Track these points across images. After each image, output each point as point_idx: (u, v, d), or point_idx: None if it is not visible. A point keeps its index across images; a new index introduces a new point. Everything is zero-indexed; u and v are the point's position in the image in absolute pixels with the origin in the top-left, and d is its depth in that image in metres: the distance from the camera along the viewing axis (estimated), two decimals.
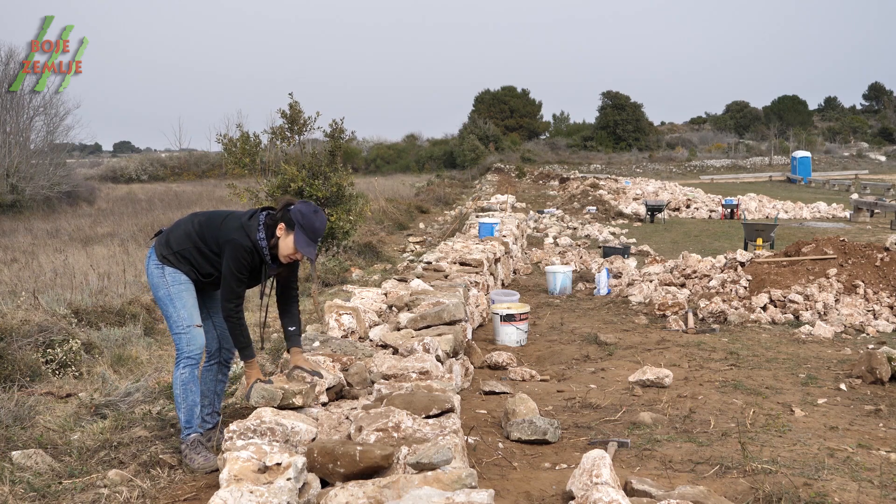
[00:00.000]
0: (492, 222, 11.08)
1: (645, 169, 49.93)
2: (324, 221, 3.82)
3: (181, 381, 3.82)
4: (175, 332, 3.85)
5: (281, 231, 3.74)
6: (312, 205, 3.85)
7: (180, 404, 3.84)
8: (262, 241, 3.75)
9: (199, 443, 3.82)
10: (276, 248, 3.77)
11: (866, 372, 5.41)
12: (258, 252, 3.75)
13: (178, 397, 3.83)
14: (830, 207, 22.63)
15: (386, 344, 4.68)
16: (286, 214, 3.74)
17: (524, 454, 4.02)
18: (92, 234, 17.62)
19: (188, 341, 3.83)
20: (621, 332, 7.21)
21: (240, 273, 3.73)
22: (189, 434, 3.83)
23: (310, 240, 3.73)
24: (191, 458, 3.78)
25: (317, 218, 3.75)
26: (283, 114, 7.37)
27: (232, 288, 3.73)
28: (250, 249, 3.73)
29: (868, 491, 3.50)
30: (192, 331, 3.84)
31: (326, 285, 10.60)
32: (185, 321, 3.82)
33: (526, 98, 68.56)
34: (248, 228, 3.74)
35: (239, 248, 3.71)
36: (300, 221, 3.70)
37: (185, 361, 3.83)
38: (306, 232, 3.71)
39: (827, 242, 8.81)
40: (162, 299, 3.85)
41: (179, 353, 3.85)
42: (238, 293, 3.75)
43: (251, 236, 3.73)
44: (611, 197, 25.39)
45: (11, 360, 5.57)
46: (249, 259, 3.74)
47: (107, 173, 49.28)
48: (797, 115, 69.12)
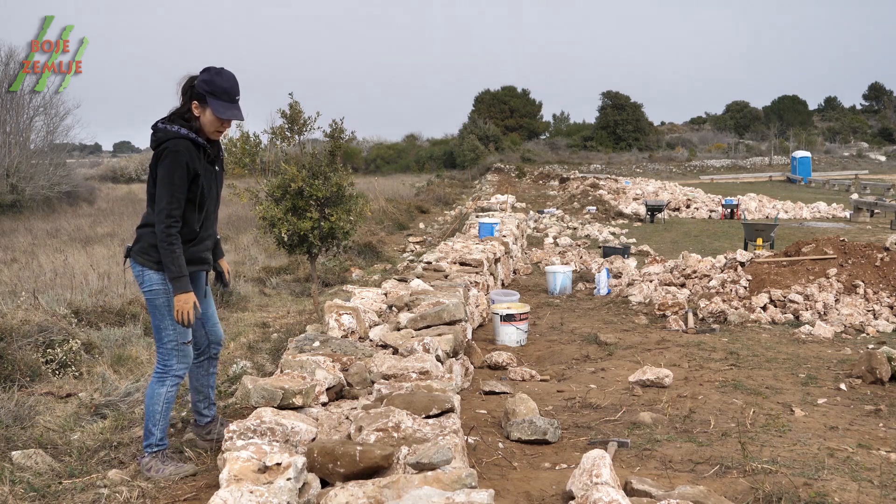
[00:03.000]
0: (492, 222, 11.08)
1: (645, 169, 49.93)
2: (231, 78, 3.60)
3: (166, 398, 3.67)
4: (166, 347, 3.66)
5: (196, 109, 3.56)
6: (213, 68, 3.62)
7: (157, 422, 3.66)
8: (184, 132, 3.55)
9: (166, 455, 3.71)
10: (201, 132, 3.60)
11: (866, 372, 5.41)
12: (193, 142, 3.54)
13: (157, 414, 3.66)
14: (830, 207, 22.64)
15: (386, 344, 4.68)
16: (192, 92, 3.56)
17: (524, 454, 4.02)
18: (92, 234, 17.62)
19: (179, 359, 3.69)
20: (621, 332, 7.21)
21: (179, 182, 3.47)
22: (158, 450, 3.69)
23: (227, 102, 3.56)
24: (157, 468, 3.62)
25: (222, 78, 3.56)
26: (283, 114, 7.35)
27: (168, 205, 3.46)
28: (185, 144, 3.51)
29: (868, 491, 3.50)
30: (186, 349, 3.71)
31: (326, 285, 10.61)
32: (180, 337, 3.66)
33: (526, 98, 68.59)
34: (168, 134, 3.53)
35: (173, 154, 3.48)
36: (208, 90, 3.53)
37: (173, 380, 3.68)
38: (219, 97, 3.54)
39: (827, 242, 8.81)
40: (159, 308, 3.62)
41: (167, 368, 3.68)
42: (174, 212, 3.48)
43: (177, 135, 3.52)
44: (611, 197, 25.39)
45: (11, 360, 5.56)
46: (188, 157, 3.50)
47: (107, 173, 49.32)
48: (797, 115, 69.17)
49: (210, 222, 3.80)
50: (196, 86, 3.57)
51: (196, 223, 3.67)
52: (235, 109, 3.62)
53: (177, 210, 3.50)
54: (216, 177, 3.78)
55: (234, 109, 3.61)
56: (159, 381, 3.69)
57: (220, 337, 4.08)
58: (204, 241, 3.77)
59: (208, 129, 3.63)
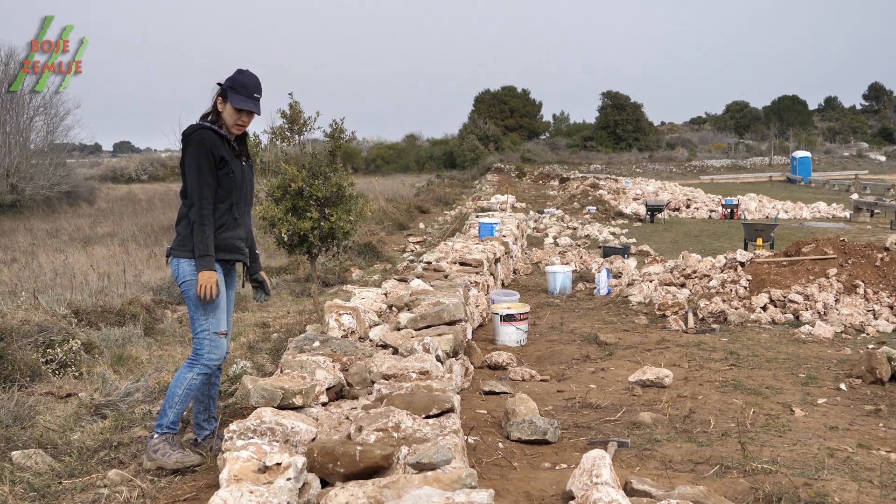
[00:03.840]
0: (492, 222, 11.08)
1: (645, 169, 49.93)
2: (252, 76, 3.86)
3: (189, 385, 3.76)
4: (199, 336, 3.80)
5: (220, 105, 3.82)
6: (241, 69, 3.90)
7: (175, 404, 3.74)
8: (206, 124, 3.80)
9: (175, 441, 3.76)
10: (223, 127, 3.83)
11: (866, 372, 5.41)
12: (215, 132, 3.77)
13: (177, 397, 3.75)
14: (830, 207, 22.64)
15: (386, 344, 4.68)
16: (219, 90, 3.83)
17: (524, 454, 4.02)
18: (92, 234, 17.62)
19: (211, 348, 3.80)
20: (621, 332, 7.21)
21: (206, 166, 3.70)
22: (168, 432, 3.74)
23: (245, 96, 3.80)
24: (165, 451, 3.68)
25: (244, 76, 3.83)
26: (283, 114, 7.35)
27: (199, 188, 3.69)
28: (208, 133, 3.74)
29: (868, 491, 3.50)
30: (218, 339, 3.81)
31: (326, 285, 10.61)
32: (212, 327, 3.78)
33: (526, 98, 68.60)
34: (191, 128, 3.78)
35: (196, 142, 3.72)
36: (230, 85, 3.80)
37: (201, 368, 3.79)
38: (238, 91, 3.78)
39: (827, 242, 8.81)
40: (192, 298, 3.75)
41: (198, 356, 3.79)
42: (205, 193, 3.71)
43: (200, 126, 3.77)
44: (611, 197, 25.39)
45: (11, 360, 5.56)
46: (210, 143, 3.73)
47: (107, 173, 49.30)
48: (797, 115, 69.19)
49: (242, 211, 3.95)
50: (222, 83, 3.84)
51: (227, 209, 3.83)
52: (253, 102, 3.83)
53: (208, 192, 3.72)
54: (244, 170, 3.95)
55: (250, 102, 3.82)
56: (188, 367, 3.81)
57: (227, 350, 4.09)
58: (236, 229, 3.91)
59: (229, 122, 3.84)
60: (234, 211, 3.86)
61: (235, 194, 3.86)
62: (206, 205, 3.70)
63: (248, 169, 4.00)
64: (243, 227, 3.98)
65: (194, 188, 3.71)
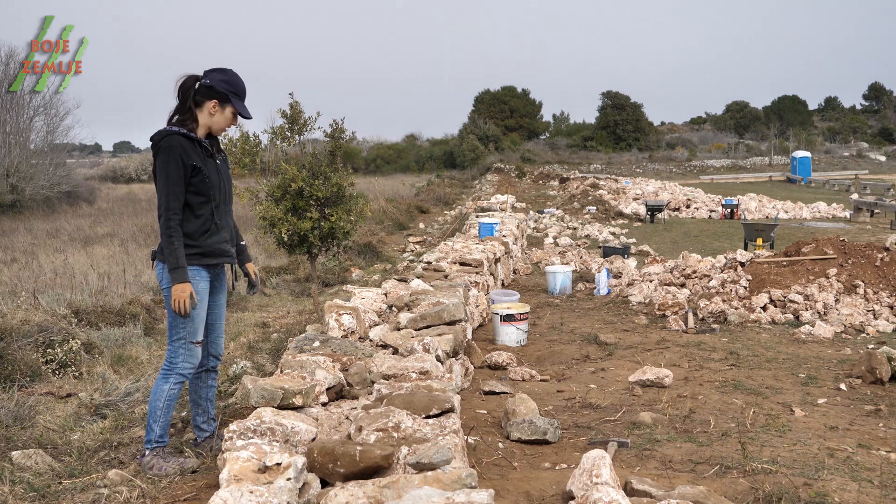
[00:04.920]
0: (492, 222, 11.08)
1: (645, 169, 49.93)
2: (240, 77, 3.80)
3: (168, 396, 3.70)
4: (174, 344, 3.71)
5: (215, 107, 3.69)
6: (224, 69, 3.77)
7: (158, 418, 3.69)
8: (175, 129, 3.62)
9: (167, 452, 3.74)
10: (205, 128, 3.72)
11: (866, 372, 5.41)
12: (185, 135, 3.60)
13: (159, 410, 3.69)
14: (830, 207, 22.64)
15: (386, 344, 4.68)
16: (211, 92, 3.67)
17: (524, 454, 4.02)
18: (92, 234, 17.61)
19: (185, 357, 3.72)
20: (621, 332, 7.21)
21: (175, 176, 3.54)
22: (157, 446, 3.71)
23: (243, 100, 3.76)
24: (159, 466, 3.65)
25: (238, 78, 3.76)
26: (284, 114, 7.35)
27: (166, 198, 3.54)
28: (178, 140, 3.57)
29: (868, 491, 3.50)
30: (194, 348, 3.74)
31: (326, 285, 10.61)
32: (189, 336, 3.70)
33: (526, 98, 68.60)
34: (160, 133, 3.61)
35: (166, 150, 3.55)
36: (231, 90, 3.69)
37: (177, 378, 3.72)
38: (241, 96, 3.73)
39: (827, 242, 8.81)
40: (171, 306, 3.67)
41: (172, 365, 3.72)
42: (172, 204, 3.55)
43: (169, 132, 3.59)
44: (611, 197, 25.40)
45: (11, 360, 5.56)
46: (180, 151, 3.56)
47: (107, 173, 49.30)
48: (797, 115, 69.20)
49: (223, 213, 3.85)
50: (215, 86, 3.68)
51: (209, 215, 3.73)
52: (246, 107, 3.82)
53: (175, 203, 3.58)
54: (219, 169, 3.83)
55: (246, 107, 3.81)
56: (164, 378, 3.73)
57: (221, 351, 4.09)
58: (220, 233, 3.82)
59: (219, 126, 3.75)
60: (215, 216, 3.75)
61: (215, 197, 3.74)
62: (172, 216, 3.56)
63: (223, 166, 3.87)
64: (226, 228, 3.88)
65: (161, 198, 3.56)
